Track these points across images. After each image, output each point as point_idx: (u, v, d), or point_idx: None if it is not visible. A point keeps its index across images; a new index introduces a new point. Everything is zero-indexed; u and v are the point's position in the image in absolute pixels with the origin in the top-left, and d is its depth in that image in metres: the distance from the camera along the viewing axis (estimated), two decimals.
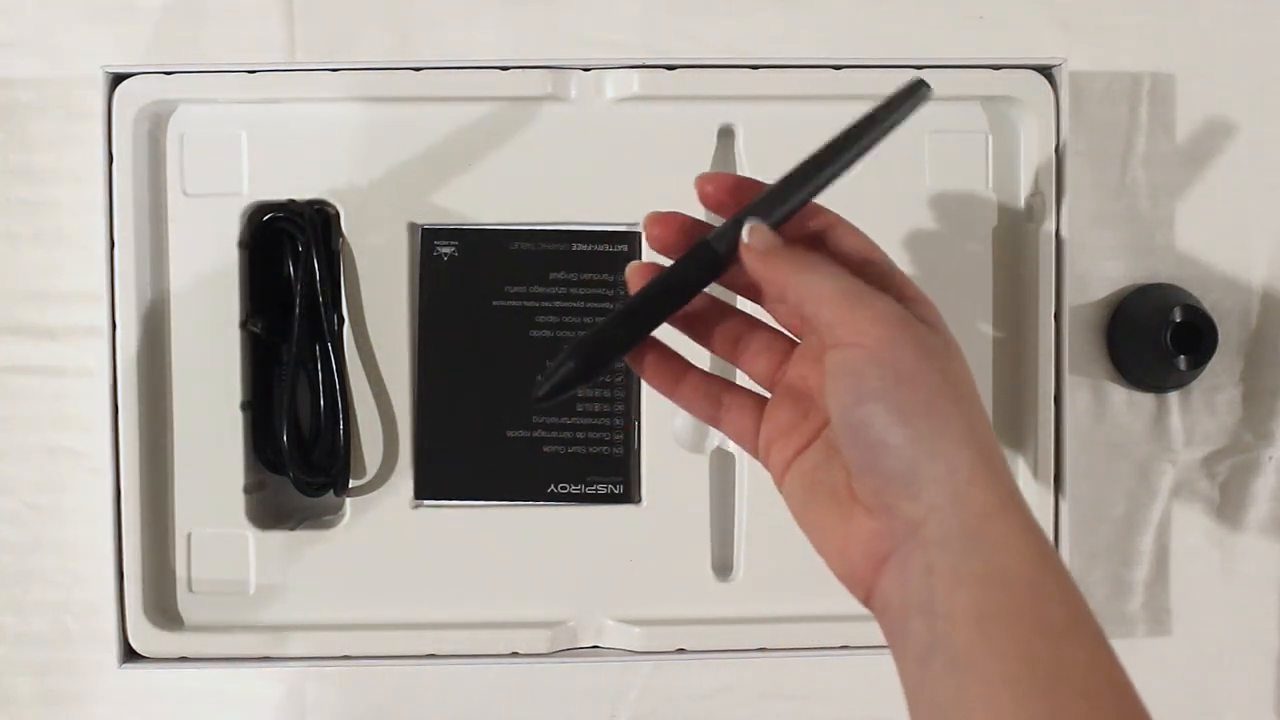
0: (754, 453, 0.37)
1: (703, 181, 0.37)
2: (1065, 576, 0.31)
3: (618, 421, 0.50)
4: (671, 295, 0.36)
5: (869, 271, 0.35)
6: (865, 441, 0.32)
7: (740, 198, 0.36)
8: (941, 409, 0.32)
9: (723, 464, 0.50)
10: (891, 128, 0.36)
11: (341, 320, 0.49)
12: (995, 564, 0.30)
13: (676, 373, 0.37)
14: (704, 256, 0.35)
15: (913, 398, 0.31)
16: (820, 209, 0.36)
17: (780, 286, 0.34)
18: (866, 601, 0.33)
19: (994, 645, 0.29)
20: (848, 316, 0.32)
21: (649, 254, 0.49)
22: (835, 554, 0.34)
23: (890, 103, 0.36)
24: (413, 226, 0.49)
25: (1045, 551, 0.31)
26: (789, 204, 0.35)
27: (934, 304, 0.35)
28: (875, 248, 0.36)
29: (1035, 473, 0.49)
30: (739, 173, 0.49)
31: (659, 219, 0.37)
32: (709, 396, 0.38)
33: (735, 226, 0.35)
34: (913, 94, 0.36)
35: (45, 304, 0.53)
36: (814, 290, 0.33)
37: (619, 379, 0.50)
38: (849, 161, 0.36)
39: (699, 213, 0.49)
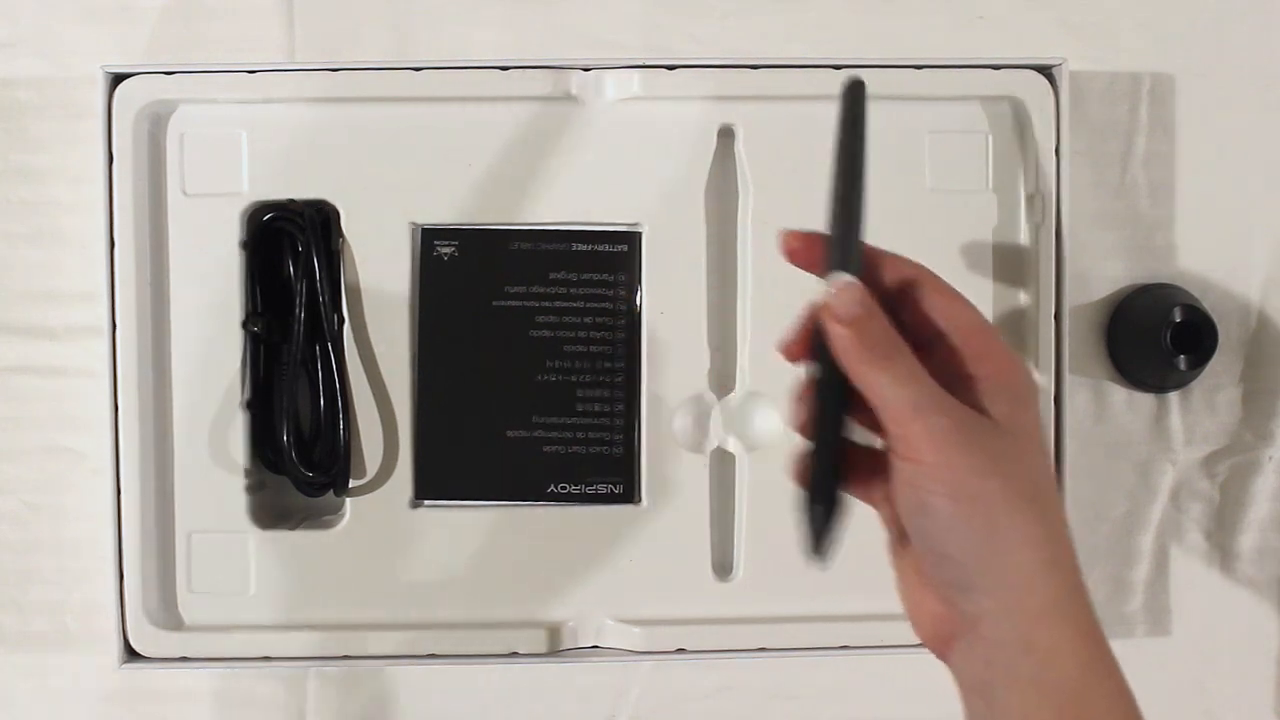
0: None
1: (790, 238, 0.36)
2: (1115, 681, 0.32)
3: (618, 421, 0.50)
4: (837, 397, 0.34)
5: (956, 341, 0.34)
6: (925, 548, 0.33)
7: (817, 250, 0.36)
8: (1001, 520, 0.32)
9: (723, 464, 0.50)
10: (864, 128, 0.36)
11: (341, 320, 0.49)
12: (1045, 670, 0.32)
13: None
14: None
15: (971, 512, 0.32)
16: (901, 261, 0.36)
17: (851, 374, 0.33)
18: (942, 659, 0.35)
19: None
20: (907, 431, 0.32)
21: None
22: (912, 615, 0.36)
23: (847, 112, 0.36)
24: (413, 226, 0.49)
25: (1096, 656, 0.32)
26: (855, 243, 0.35)
27: (1023, 373, 0.34)
28: (966, 309, 0.35)
29: None
30: (739, 173, 0.49)
31: (799, 236, 0.36)
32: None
33: None
34: (854, 94, 0.36)
35: (45, 304, 0.53)
36: (880, 393, 0.33)
37: (619, 379, 0.50)
38: (863, 177, 0.36)
39: (699, 213, 0.49)
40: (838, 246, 0.35)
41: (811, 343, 0.35)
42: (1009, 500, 0.32)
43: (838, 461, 0.34)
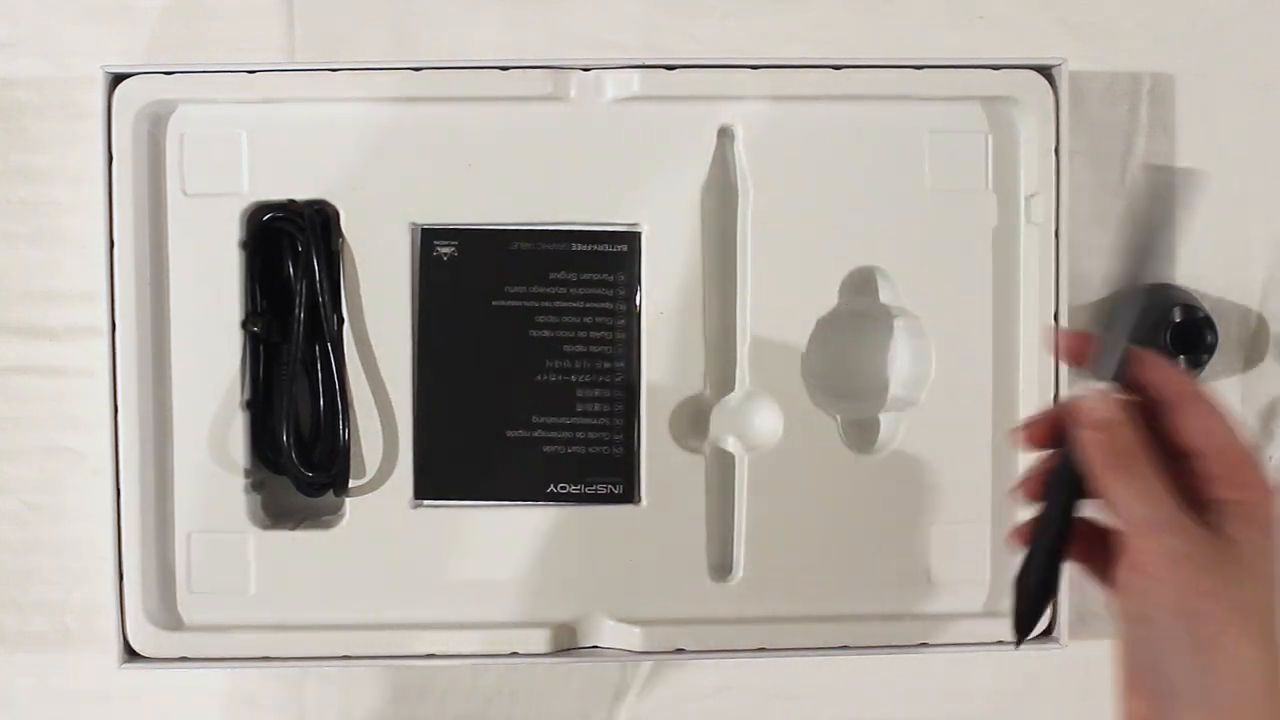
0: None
1: (1065, 339, 0.38)
2: None
3: (618, 421, 0.50)
4: (1070, 491, 0.35)
5: (1211, 464, 0.34)
6: (1141, 654, 0.34)
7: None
8: (1220, 641, 0.33)
9: (722, 464, 0.50)
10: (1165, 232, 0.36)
11: (341, 320, 0.49)
12: None
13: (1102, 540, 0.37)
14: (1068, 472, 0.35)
15: (1191, 630, 0.33)
16: (1167, 370, 0.36)
17: (1093, 476, 0.34)
18: None
19: None
20: (1139, 545, 0.33)
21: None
22: (1120, 708, 0.36)
23: (1152, 212, 0.36)
24: (413, 226, 0.49)
25: None
26: (1124, 349, 0.35)
27: (1273, 503, 0.34)
28: (1228, 432, 0.35)
29: None
30: (738, 173, 0.49)
31: (1072, 337, 0.37)
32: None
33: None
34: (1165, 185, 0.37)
35: (45, 304, 0.53)
36: (1118, 503, 0.34)
37: (619, 379, 0.50)
38: (1146, 289, 0.36)
39: (699, 213, 0.49)
40: (1107, 351, 0.35)
41: (1056, 433, 0.36)
42: (1232, 624, 0.33)
43: (1057, 552, 0.35)
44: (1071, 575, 0.49)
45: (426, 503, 0.50)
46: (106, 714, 0.54)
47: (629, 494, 0.50)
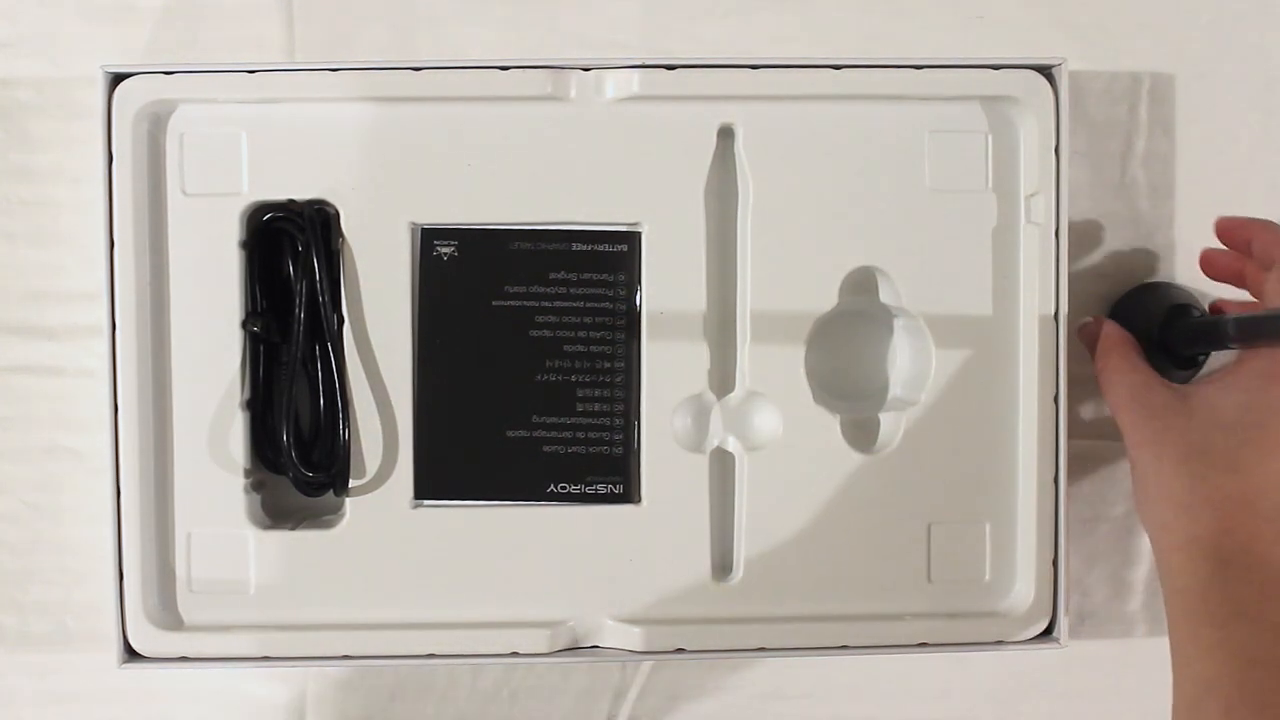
0: None
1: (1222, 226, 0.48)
2: (1228, 590, 0.43)
3: (618, 421, 0.50)
4: None
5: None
6: None
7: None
8: (1149, 474, 0.45)
9: (723, 464, 0.50)
10: None
11: (341, 320, 0.49)
12: (1173, 580, 0.45)
13: None
14: None
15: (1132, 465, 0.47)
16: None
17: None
18: None
19: None
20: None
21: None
22: None
23: None
24: (413, 226, 0.49)
25: (1213, 572, 0.43)
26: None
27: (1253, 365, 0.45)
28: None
29: (1036, 472, 0.49)
30: (739, 173, 0.49)
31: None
32: None
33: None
34: None
35: (45, 304, 0.53)
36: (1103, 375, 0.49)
37: (619, 379, 0.50)
38: None
39: (699, 213, 0.49)
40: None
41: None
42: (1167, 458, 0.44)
43: None
44: (1072, 574, 0.50)
45: (426, 503, 0.50)
46: (106, 714, 0.54)
47: (629, 494, 0.50)
